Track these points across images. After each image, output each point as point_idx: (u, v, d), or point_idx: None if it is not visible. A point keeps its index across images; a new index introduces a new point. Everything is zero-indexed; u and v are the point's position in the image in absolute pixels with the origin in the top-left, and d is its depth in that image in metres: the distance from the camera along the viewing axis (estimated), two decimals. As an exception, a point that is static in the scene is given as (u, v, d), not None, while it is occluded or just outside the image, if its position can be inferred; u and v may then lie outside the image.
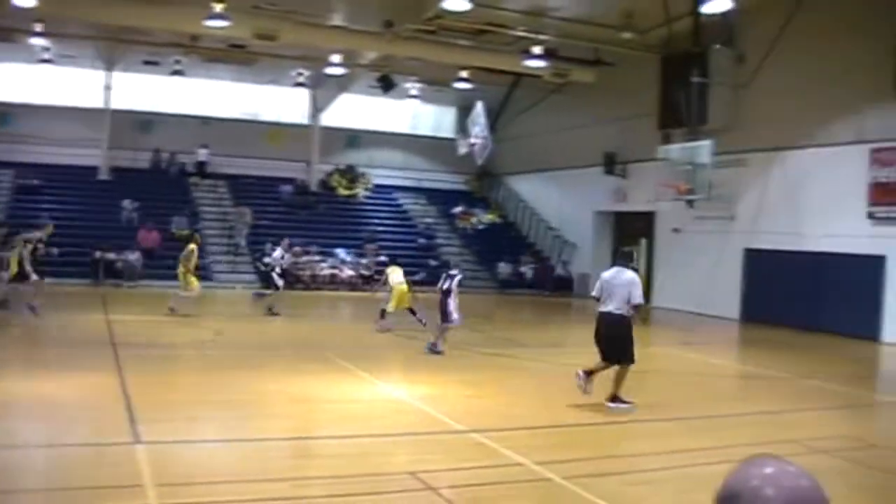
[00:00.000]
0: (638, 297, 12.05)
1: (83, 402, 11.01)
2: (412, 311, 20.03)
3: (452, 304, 16.87)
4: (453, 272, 17.27)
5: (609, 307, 12.00)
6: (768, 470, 1.93)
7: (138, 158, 36.66)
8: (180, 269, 21.82)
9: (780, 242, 24.97)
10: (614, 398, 11.97)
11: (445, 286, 16.99)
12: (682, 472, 8.78)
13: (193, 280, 21.81)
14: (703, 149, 24.02)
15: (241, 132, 38.27)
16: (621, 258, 12.78)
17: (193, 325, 19.84)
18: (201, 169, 37.69)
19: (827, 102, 23.75)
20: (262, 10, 26.28)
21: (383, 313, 20.21)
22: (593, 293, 12.58)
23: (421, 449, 9.43)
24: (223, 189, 36.83)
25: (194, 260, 21.86)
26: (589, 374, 12.14)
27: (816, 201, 24.37)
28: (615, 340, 12.05)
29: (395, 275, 20.15)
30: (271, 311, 22.43)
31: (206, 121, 38.17)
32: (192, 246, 21.86)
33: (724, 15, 23.37)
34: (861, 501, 7.86)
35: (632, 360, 12.03)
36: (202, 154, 37.53)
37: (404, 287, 20.00)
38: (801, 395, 14.47)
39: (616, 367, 12.05)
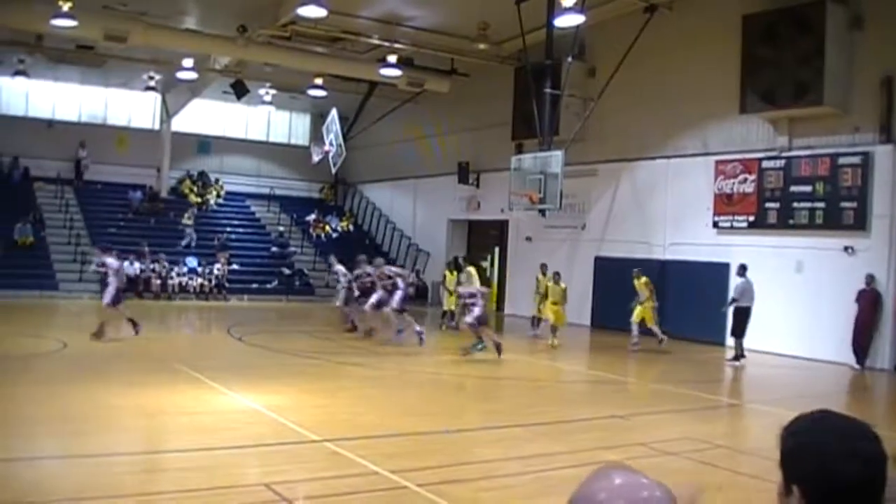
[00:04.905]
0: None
1: None
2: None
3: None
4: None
5: (745, 303, 19.95)
6: (618, 481, 1.82)
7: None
8: None
9: (630, 251, 25.65)
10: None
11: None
12: (535, 476, 8.85)
13: None
14: (555, 159, 24.41)
15: (89, 136, 37.13)
16: (742, 270, 20.23)
17: (35, 335, 19.10)
18: (78, 169, 36.61)
19: (675, 116, 24.65)
20: (112, 10, 25.44)
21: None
22: (734, 295, 20.33)
23: (275, 460, 9.21)
24: (70, 195, 35.50)
25: None
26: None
27: (665, 211, 25.20)
28: (747, 323, 19.99)
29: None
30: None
31: (51, 124, 36.87)
32: None
33: (577, 29, 23.85)
34: (709, 501, 8.10)
35: None
36: (82, 154, 36.54)
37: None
38: (649, 398, 14.87)
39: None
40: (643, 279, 21.77)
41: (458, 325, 19.45)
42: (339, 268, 23.74)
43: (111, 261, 19.26)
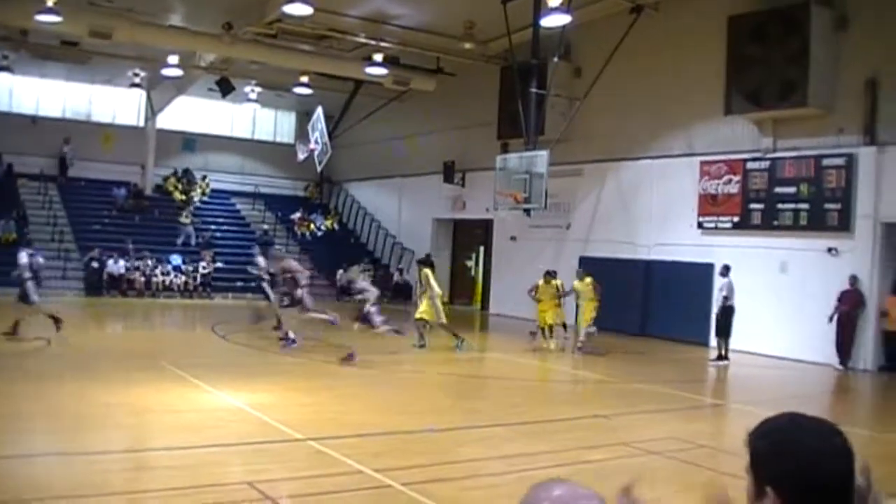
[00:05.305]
0: None
1: None
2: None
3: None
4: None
5: (731, 303, 19.96)
6: (557, 492, 1.95)
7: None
8: None
9: (615, 251, 25.70)
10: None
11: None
12: (519, 476, 8.83)
13: None
14: (540, 158, 24.42)
15: (73, 132, 36.94)
16: (726, 270, 20.48)
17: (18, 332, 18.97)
18: (62, 166, 36.45)
19: (660, 117, 24.73)
20: (97, 6, 25.35)
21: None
22: (725, 293, 20.07)
23: (259, 458, 9.19)
24: (53, 191, 35.32)
25: None
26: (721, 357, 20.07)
27: (650, 211, 25.26)
28: (732, 322, 20.07)
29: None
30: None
31: (35, 120, 36.68)
32: None
33: (563, 29, 23.88)
34: (692, 500, 8.11)
35: None
36: (66, 150, 36.38)
37: None
38: (633, 398, 14.85)
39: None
40: (587, 279, 21.45)
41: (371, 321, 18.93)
42: (261, 260, 22.82)
43: (21, 255, 18.62)
